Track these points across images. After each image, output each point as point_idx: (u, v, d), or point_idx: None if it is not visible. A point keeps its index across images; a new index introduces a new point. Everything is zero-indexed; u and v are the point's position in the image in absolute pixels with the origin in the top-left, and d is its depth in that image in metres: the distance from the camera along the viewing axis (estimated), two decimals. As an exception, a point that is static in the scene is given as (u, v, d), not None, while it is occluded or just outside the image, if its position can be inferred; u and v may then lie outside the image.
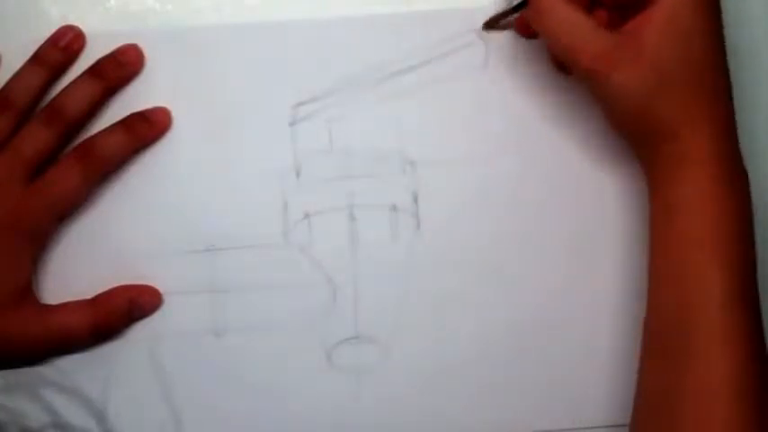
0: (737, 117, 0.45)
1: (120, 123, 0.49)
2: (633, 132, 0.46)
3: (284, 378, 0.50)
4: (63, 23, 0.49)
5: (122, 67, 0.49)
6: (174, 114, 0.50)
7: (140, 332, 0.50)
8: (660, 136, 0.44)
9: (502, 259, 0.51)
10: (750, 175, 0.45)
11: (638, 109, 0.44)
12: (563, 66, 0.49)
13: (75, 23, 0.49)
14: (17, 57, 0.48)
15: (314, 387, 0.50)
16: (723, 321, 0.42)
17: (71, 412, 0.49)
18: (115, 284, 0.49)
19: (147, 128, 0.49)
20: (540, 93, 0.51)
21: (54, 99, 0.48)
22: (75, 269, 0.49)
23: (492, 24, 0.50)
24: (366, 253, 0.50)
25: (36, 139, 0.47)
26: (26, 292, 0.48)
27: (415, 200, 0.51)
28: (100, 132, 0.49)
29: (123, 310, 0.49)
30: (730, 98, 0.45)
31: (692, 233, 0.43)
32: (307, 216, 0.50)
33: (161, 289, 0.50)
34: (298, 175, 0.50)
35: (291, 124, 0.50)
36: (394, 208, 0.51)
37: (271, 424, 0.50)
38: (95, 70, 0.49)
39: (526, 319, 0.50)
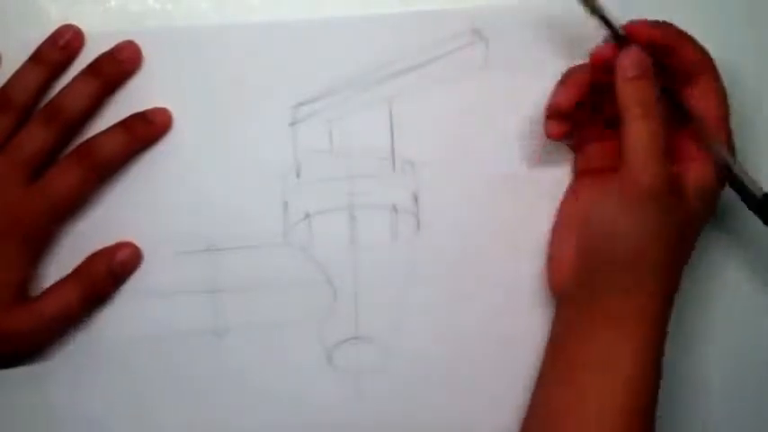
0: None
1: (120, 124, 0.49)
2: (593, 259, 0.46)
3: (284, 378, 0.50)
4: (63, 23, 0.49)
5: (120, 64, 0.49)
6: (174, 114, 0.50)
7: (141, 332, 0.50)
8: (615, 266, 0.45)
9: (502, 259, 0.51)
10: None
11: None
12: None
13: (75, 23, 0.49)
14: (17, 56, 0.48)
15: (314, 387, 0.50)
16: None
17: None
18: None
19: (147, 128, 0.49)
20: (539, 93, 0.50)
21: (53, 99, 0.48)
22: (76, 269, 0.49)
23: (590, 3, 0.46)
24: (366, 253, 0.50)
25: (36, 138, 0.47)
26: (20, 292, 0.48)
27: (415, 200, 0.51)
28: (100, 133, 0.48)
29: (104, 273, 0.49)
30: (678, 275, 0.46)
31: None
32: (307, 216, 0.50)
33: (161, 289, 0.50)
34: (298, 175, 0.50)
35: (291, 124, 0.50)
36: (394, 208, 0.51)
37: (271, 424, 0.50)
38: (93, 69, 0.49)
39: (526, 318, 0.51)
